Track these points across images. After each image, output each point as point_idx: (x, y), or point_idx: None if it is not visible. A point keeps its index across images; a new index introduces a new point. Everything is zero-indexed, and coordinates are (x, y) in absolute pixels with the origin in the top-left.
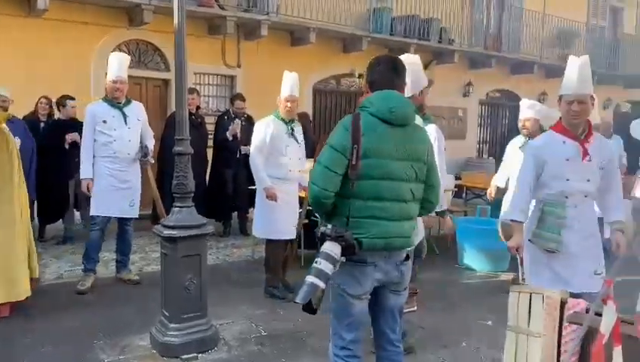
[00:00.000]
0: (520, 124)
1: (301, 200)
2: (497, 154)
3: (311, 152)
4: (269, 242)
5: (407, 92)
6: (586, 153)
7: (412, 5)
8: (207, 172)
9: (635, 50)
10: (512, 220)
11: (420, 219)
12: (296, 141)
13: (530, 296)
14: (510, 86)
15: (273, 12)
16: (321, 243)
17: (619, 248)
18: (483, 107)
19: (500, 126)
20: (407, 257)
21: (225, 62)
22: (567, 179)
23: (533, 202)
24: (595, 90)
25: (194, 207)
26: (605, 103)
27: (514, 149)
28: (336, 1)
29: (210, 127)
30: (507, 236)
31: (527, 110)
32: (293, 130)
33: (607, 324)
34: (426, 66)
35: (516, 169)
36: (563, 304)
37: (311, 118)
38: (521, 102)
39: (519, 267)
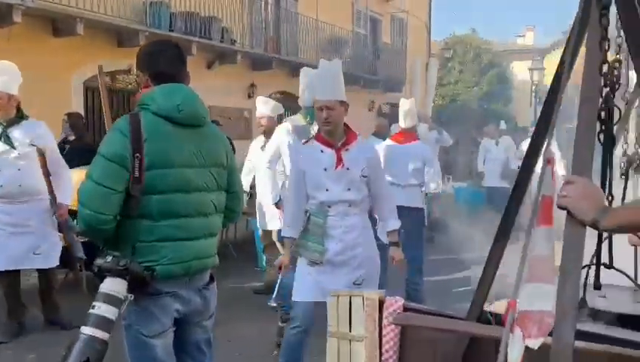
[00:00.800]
0: (257, 122)
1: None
2: None
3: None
4: None
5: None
6: (339, 161)
7: (191, 2)
8: None
9: (391, 57)
10: (284, 237)
11: None
12: (12, 147)
13: (350, 299)
14: (292, 88)
15: None
16: (101, 281)
17: (394, 261)
18: None
19: None
20: (212, 279)
21: None
22: (327, 189)
23: None
24: (361, 94)
25: None
26: (370, 106)
27: (255, 150)
28: None
29: None
30: None
31: (262, 107)
32: (6, 134)
33: (515, 357)
34: (209, 66)
35: (261, 170)
36: (381, 304)
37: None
38: (257, 100)
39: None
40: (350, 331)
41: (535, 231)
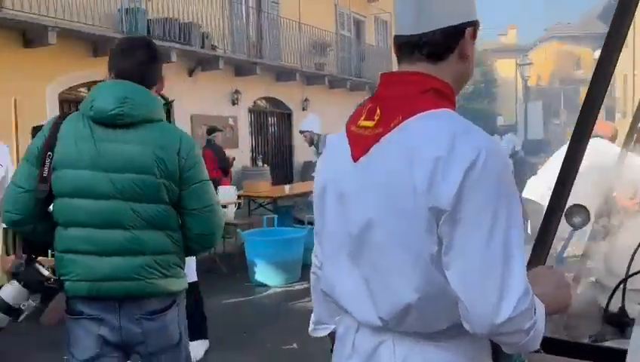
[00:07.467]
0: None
1: None
2: (271, 162)
3: None
4: None
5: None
6: None
7: (169, 7)
8: None
9: (376, 59)
10: None
11: None
12: None
13: None
14: (276, 93)
15: None
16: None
17: None
18: (252, 115)
19: (270, 133)
20: (165, 308)
21: None
22: None
23: None
24: (347, 96)
25: None
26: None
27: None
28: None
29: None
30: None
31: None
32: None
33: None
34: (190, 73)
35: None
36: None
37: None
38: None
39: None
40: None
41: None
